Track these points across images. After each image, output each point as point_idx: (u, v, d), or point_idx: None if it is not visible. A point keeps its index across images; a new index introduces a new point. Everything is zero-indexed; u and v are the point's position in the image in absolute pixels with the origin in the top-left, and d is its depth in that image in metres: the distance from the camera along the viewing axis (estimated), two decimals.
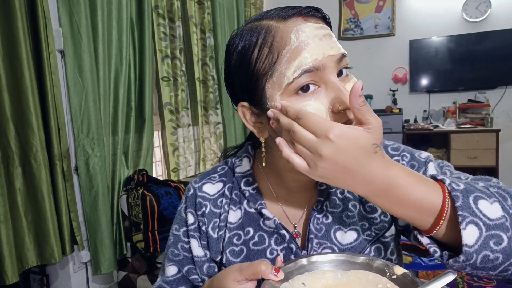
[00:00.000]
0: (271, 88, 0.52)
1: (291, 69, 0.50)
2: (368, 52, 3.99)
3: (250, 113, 0.57)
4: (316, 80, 0.50)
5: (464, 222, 0.42)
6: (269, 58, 0.52)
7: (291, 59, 0.50)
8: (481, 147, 3.35)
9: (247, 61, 0.54)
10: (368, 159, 0.44)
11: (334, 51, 0.51)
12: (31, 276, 1.93)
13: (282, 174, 0.62)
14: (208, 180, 0.68)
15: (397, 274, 0.46)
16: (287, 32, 0.51)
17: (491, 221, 0.42)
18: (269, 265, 0.46)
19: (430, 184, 0.46)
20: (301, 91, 0.50)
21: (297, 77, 0.49)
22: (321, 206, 0.61)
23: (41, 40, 1.62)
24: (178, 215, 0.68)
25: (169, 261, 0.66)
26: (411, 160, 0.61)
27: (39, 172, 1.61)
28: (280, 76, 0.51)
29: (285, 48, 0.50)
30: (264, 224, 0.62)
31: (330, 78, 0.50)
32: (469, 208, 0.42)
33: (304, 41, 0.50)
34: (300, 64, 0.49)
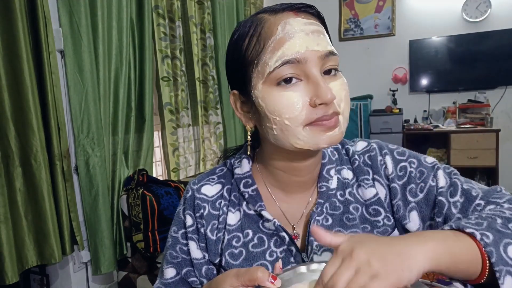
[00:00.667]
0: (256, 77, 0.54)
1: (274, 59, 0.51)
2: (368, 52, 3.99)
3: (240, 102, 0.59)
4: (297, 73, 0.51)
5: (501, 276, 0.43)
6: (256, 47, 0.54)
7: (275, 49, 0.51)
8: (481, 147, 3.35)
9: (239, 49, 0.56)
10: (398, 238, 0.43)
11: (319, 47, 0.51)
12: (31, 276, 1.93)
13: (277, 174, 0.62)
14: (206, 181, 0.67)
15: None
16: (275, 24, 0.53)
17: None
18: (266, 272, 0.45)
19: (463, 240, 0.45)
20: (284, 83, 0.51)
21: (278, 67, 0.51)
22: (321, 208, 0.61)
23: (41, 40, 1.62)
24: (176, 216, 0.68)
25: (168, 263, 0.66)
26: (419, 167, 0.61)
27: (39, 172, 1.61)
28: (264, 65, 0.52)
29: (271, 38, 0.52)
30: (264, 226, 0.61)
31: (312, 71, 0.51)
32: (502, 259, 0.44)
33: (289, 33, 0.51)
34: (282, 54, 0.51)
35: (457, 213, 0.56)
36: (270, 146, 0.59)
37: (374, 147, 0.65)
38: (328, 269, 0.41)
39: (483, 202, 0.55)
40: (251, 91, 0.55)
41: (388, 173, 0.62)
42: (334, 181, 0.63)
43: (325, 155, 0.64)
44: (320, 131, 0.52)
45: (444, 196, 0.57)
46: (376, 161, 0.63)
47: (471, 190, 0.57)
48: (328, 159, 0.64)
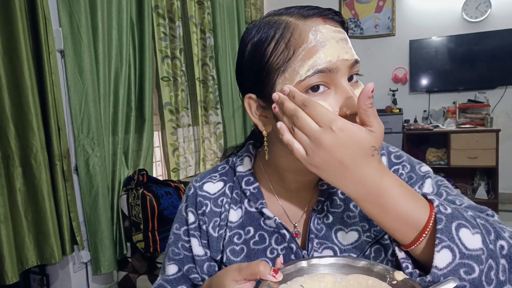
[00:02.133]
0: (282, 83, 0.52)
1: (305, 68, 0.50)
2: (368, 52, 3.99)
3: (257, 105, 0.58)
4: (326, 82, 0.51)
5: (440, 245, 0.43)
6: (285, 53, 0.52)
7: (306, 57, 0.50)
8: (481, 147, 3.34)
9: (262, 53, 0.54)
10: (364, 160, 0.45)
11: (348, 55, 0.51)
12: (31, 276, 1.93)
13: (283, 173, 0.62)
14: (208, 179, 0.68)
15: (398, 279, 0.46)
16: (305, 31, 0.51)
17: (467, 250, 0.43)
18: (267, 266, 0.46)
19: (420, 201, 0.47)
20: (311, 91, 0.51)
21: (310, 76, 0.50)
22: (321, 206, 0.61)
23: (41, 40, 1.62)
24: (178, 214, 0.68)
25: (170, 260, 0.66)
26: (410, 172, 0.62)
27: (39, 172, 1.61)
28: (293, 73, 0.51)
29: (302, 46, 0.51)
30: (265, 224, 0.62)
31: (341, 81, 0.51)
32: (449, 233, 0.44)
33: (321, 41, 0.50)
34: (315, 63, 0.50)
35: None
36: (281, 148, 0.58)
37: None
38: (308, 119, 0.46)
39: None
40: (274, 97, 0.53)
41: None
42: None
43: None
44: None
45: None
46: None
47: (455, 200, 0.57)
48: None
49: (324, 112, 0.45)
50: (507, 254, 0.46)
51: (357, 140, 0.44)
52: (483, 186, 3.48)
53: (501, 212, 3.42)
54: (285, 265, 0.49)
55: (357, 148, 0.44)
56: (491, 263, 0.44)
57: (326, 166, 0.46)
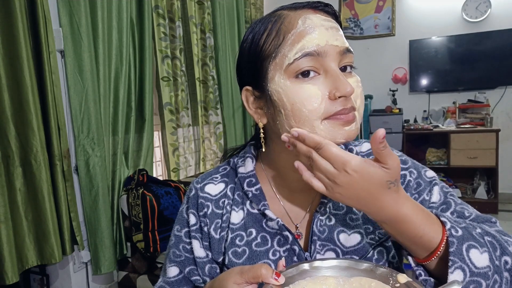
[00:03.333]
0: (273, 69, 0.53)
1: (294, 51, 0.51)
2: (368, 52, 3.99)
3: (253, 98, 0.59)
4: (316, 67, 0.52)
5: (453, 266, 0.47)
6: (275, 40, 0.54)
7: (295, 41, 0.52)
8: (481, 147, 3.35)
9: (256, 44, 0.56)
10: (381, 193, 0.47)
11: (338, 42, 0.52)
12: (31, 276, 1.93)
13: (283, 172, 0.62)
14: (210, 180, 0.67)
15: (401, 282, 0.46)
16: (295, 18, 0.53)
17: (476, 269, 0.47)
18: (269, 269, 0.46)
19: (434, 224, 0.50)
20: (301, 76, 0.52)
21: (298, 59, 0.51)
22: (324, 208, 0.61)
23: (41, 40, 1.62)
24: (179, 215, 0.68)
25: (171, 262, 0.66)
26: (417, 178, 0.62)
27: (39, 172, 1.61)
28: (283, 57, 0.52)
29: (291, 31, 0.52)
30: (267, 225, 0.61)
31: (331, 65, 0.52)
32: (460, 255, 0.47)
33: (310, 27, 0.52)
34: (303, 46, 0.51)
35: None
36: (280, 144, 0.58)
37: None
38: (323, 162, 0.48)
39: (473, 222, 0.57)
40: (267, 84, 0.54)
41: None
42: None
43: None
44: (339, 125, 0.51)
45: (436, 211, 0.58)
46: None
47: (463, 210, 0.59)
48: None
49: (338, 154, 0.47)
50: (510, 268, 0.50)
51: (372, 178, 0.46)
52: (483, 186, 3.48)
53: (501, 212, 3.42)
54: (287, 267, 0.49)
55: (372, 185, 0.46)
56: (496, 277, 0.48)
57: (346, 199, 0.49)
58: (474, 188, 3.60)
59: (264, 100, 0.56)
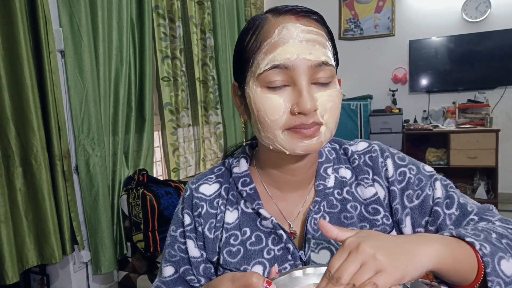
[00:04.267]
0: (249, 75, 0.55)
1: (265, 61, 0.52)
2: (368, 52, 3.99)
3: (238, 94, 0.61)
4: (285, 80, 0.52)
5: (493, 286, 0.46)
6: (253, 45, 0.55)
7: (268, 52, 0.52)
8: (480, 147, 3.35)
9: (241, 44, 0.58)
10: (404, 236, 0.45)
11: (311, 56, 0.52)
12: (32, 276, 1.93)
13: (271, 173, 0.63)
14: (204, 181, 0.68)
15: None
16: (273, 26, 0.53)
17: (508, 278, 0.48)
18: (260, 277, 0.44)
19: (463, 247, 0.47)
20: (270, 85, 0.53)
21: (267, 70, 0.52)
22: (318, 206, 0.61)
23: (41, 40, 1.62)
24: (175, 216, 0.68)
25: (166, 262, 0.66)
26: (418, 174, 0.62)
27: (40, 172, 1.61)
28: (256, 65, 0.54)
29: (266, 40, 0.53)
30: (261, 224, 0.62)
31: (299, 79, 0.52)
32: (495, 271, 0.47)
33: (284, 38, 0.52)
34: (273, 58, 0.52)
35: (450, 224, 0.58)
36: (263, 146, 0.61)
37: (376, 148, 0.66)
38: (334, 262, 0.41)
39: (477, 217, 0.58)
40: (245, 87, 0.57)
41: (389, 175, 0.63)
42: (332, 179, 0.63)
43: (322, 154, 0.65)
44: (298, 138, 0.53)
45: (440, 207, 0.59)
46: (377, 163, 0.64)
47: (466, 205, 0.59)
48: (326, 158, 0.65)
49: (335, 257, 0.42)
50: None
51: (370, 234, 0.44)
52: (483, 186, 3.48)
53: (501, 212, 3.39)
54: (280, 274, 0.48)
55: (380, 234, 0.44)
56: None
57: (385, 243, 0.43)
58: (474, 188, 3.60)
59: (244, 100, 0.59)
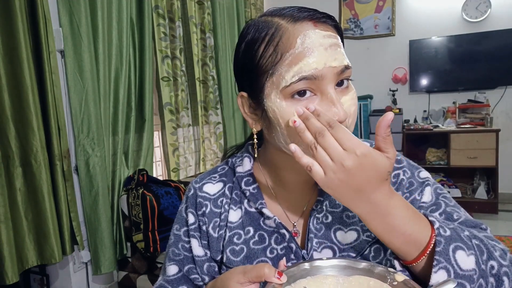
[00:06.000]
0: (270, 87, 0.53)
1: (290, 73, 0.50)
2: (368, 52, 3.99)
3: (248, 104, 0.59)
4: (313, 88, 0.51)
5: (437, 266, 0.47)
6: (273, 57, 0.52)
7: (293, 63, 0.50)
8: (481, 147, 3.34)
9: (253, 54, 0.54)
10: (379, 184, 0.47)
11: (336, 62, 0.51)
12: (31, 276, 1.93)
13: (279, 173, 0.63)
14: (208, 180, 0.68)
15: (398, 280, 0.47)
16: (294, 36, 0.51)
17: (461, 271, 0.47)
18: (272, 269, 0.47)
19: (422, 222, 0.50)
20: (297, 95, 0.51)
21: (294, 82, 0.50)
22: (320, 205, 0.61)
23: (41, 40, 1.62)
24: (179, 215, 0.69)
25: (170, 261, 0.66)
26: (410, 178, 0.63)
27: (39, 172, 1.61)
28: (279, 77, 0.51)
29: (289, 51, 0.51)
30: (264, 224, 0.62)
31: (327, 89, 0.51)
32: (446, 254, 0.47)
33: (309, 48, 0.50)
34: (300, 70, 0.50)
35: None
36: (274, 148, 0.60)
37: None
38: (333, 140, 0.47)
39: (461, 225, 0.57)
40: (263, 99, 0.54)
41: None
42: None
43: None
44: None
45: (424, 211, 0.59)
46: None
47: (453, 213, 0.59)
48: None
49: (350, 136, 0.46)
50: (496, 274, 0.50)
51: (377, 165, 0.46)
52: (483, 186, 3.48)
53: (501, 212, 3.42)
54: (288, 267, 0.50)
55: (376, 172, 0.46)
56: (481, 282, 0.48)
57: (342, 189, 0.47)
58: (474, 188, 3.60)
59: (260, 112, 0.57)
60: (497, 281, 0.50)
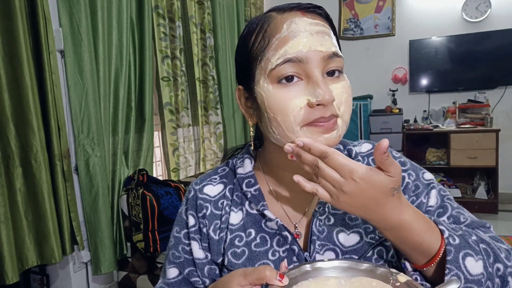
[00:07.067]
0: (259, 73, 0.54)
1: (276, 56, 0.52)
2: (368, 52, 3.99)
3: (245, 97, 0.60)
4: (299, 73, 0.52)
5: (449, 274, 0.49)
6: (261, 43, 0.54)
7: (278, 47, 0.52)
8: (481, 147, 3.34)
9: (246, 45, 0.57)
10: (385, 200, 0.48)
11: (323, 47, 0.51)
12: (31, 276, 1.93)
13: (279, 173, 0.63)
14: (208, 181, 0.67)
15: (401, 281, 0.47)
16: (281, 22, 0.53)
17: (471, 276, 0.49)
18: (273, 271, 0.46)
19: (433, 233, 0.51)
20: (285, 81, 0.52)
21: (279, 64, 0.51)
22: (323, 207, 0.61)
23: (41, 40, 1.62)
24: (179, 217, 0.68)
25: (170, 263, 0.66)
26: (416, 180, 0.63)
27: (39, 172, 1.61)
28: (267, 61, 0.53)
29: (275, 36, 0.53)
30: (266, 226, 0.61)
31: (313, 71, 0.51)
32: (456, 263, 0.49)
33: (294, 32, 0.52)
34: (285, 52, 0.51)
35: None
36: (271, 145, 0.60)
37: None
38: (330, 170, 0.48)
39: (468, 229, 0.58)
40: (254, 87, 0.56)
41: None
42: None
43: None
44: (318, 132, 0.52)
45: (431, 215, 0.60)
46: None
47: (459, 216, 0.60)
48: None
49: (345, 163, 0.47)
50: (501, 275, 0.52)
51: (378, 185, 0.47)
52: (483, 186, 3.48)
53: (501, 212, 3.42)
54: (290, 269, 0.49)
55: (378, 192, 0.47)
56: (489, 283, 0.50)
57: (351, 208, 0.49)
58: (474, 188, 3.60)
59: (252, 101, 0.58)
60: (503, 282, 0.51)
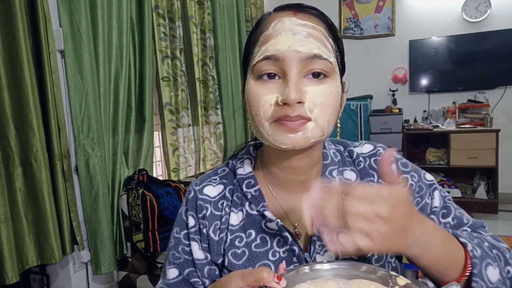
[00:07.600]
0: (249, 70, 0.57)
1: (259, 53, 0.54)
2: (368, 52, 3.99)
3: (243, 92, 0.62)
4: (276, 71, 0.53)
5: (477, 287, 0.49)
6: (253, 40, 0.57)
7: (262, 44, 0.54)
8: (481, 147, 3.34)
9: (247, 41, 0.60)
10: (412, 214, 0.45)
11: (303, 48, 0.52)
12: (31, 276, 1.93)
13: (274, 172, 0.63)
14: (208, 182, 0.67)
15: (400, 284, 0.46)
16: (270, 20, 0.55)
17: (491, 284, 0.50)
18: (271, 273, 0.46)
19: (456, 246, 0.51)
20: (266, 77, 0.54)
21: (260, 61, 0.53)
22: None
23: (41, 40, 1.62)
24: (179, 217, 0.68)
25: (170, 264, 0.66)
26: (419, 182, 0.63)
27: (39, 172, 1.61)
28: (252, 58, 0.55)
29: (262, 33, 0.55)
30: (266, 226, 0.61)
31: (288, 71, 0.52)
32: (481, 275, 0.50)
33: (277, 30, 0.53)
34: (265, 50, 0.53)
35: None
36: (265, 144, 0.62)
37: (381, 152, 0.66)
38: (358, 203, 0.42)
39: (470, 230, 0.61)
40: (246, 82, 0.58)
41: None
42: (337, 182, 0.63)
43: (327, 156, 0.64)
44: (282, 130, 0.53)
45: (437, 216, 0.61)
46: None
47: (462, 217, 0.62)
48: (331, 160, 0.64)
49: (366, 188, 0.42)
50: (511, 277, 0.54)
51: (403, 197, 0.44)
52: (483, 186, 3.48)
53: (501, 212, 3.42)
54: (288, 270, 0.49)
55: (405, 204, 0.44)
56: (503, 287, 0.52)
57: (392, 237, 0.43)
58: (474, 188, 3.60)
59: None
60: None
